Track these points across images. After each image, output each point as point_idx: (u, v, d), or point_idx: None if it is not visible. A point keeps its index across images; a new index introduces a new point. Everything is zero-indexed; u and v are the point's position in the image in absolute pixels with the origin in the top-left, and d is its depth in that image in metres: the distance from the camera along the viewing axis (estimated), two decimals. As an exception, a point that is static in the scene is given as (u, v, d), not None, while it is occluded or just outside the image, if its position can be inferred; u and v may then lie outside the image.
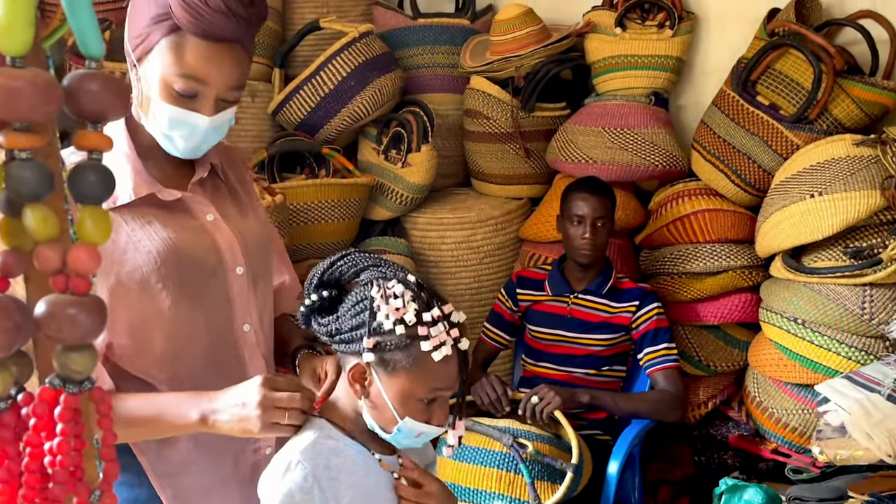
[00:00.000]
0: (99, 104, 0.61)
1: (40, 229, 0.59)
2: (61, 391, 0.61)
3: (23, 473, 0.59)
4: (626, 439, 2.38)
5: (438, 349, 1.16)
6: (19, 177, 0.58)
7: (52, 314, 0.59)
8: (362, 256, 1.23)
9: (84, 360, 0.61)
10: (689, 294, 2.70)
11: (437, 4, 3.41)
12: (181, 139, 1.32)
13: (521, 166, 3.07)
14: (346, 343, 1.21)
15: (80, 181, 0.61)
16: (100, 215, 0.61)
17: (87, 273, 0.60)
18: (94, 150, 0.62)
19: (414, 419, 1.20)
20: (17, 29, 0.55)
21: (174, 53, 1.26)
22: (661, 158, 2.83)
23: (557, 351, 2.58)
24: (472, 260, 2.97)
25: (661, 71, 2.95)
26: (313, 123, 2.90)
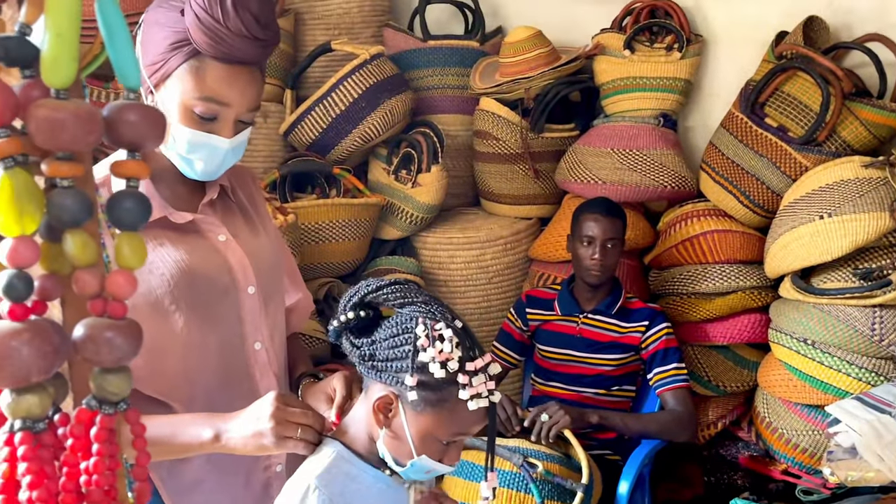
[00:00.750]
0: (137, 134, 0.63)
1: (80, 255, 0.61)
2: (97, 412, 0.63)
3: (59, 493, 0.61)
4: (637, 459, 2.38)
5: (475, 399, 1.16)
6: (61, 204, 0.60)
7: (90, 337, 0.61)
8: (414, 290, 1.22)
9: (120, 381, 0.63)
10: (698, 314, 2.71)
11: (447, 26, 3.45)
12: (201, 161, 1.34)
13: (530, 187, 3.09)
14: (378, 371, 1.20)
15: (118, 208, 0.63)
16: (136, 241, 0.63)
17: (125, 297, 0.62)
18: (132, 177, 0.64)
19: (430, 457, 1.20)
20: (62, 63, 0.57)
21: (194, 78, 1.28)
22: (670, 179, 2.85)
23: (567, 370, 2.59)
24: (481, 279, 2.99)
25: (670, 93, 2.98)
26: (325, 144, 2.93)
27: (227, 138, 1.33)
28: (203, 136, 1.31)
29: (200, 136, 1.31)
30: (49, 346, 0.59)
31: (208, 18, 1.24)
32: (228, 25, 1.25)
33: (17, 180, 0.58)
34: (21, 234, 0.58)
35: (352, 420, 1.29)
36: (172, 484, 1.40)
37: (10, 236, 0.58)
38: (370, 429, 1.25)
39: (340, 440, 1.27)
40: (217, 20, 1.24)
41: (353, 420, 1.28)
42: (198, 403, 1.37)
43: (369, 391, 1.24)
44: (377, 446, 1.24)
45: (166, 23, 1.29)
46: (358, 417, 1.27)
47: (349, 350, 1.24)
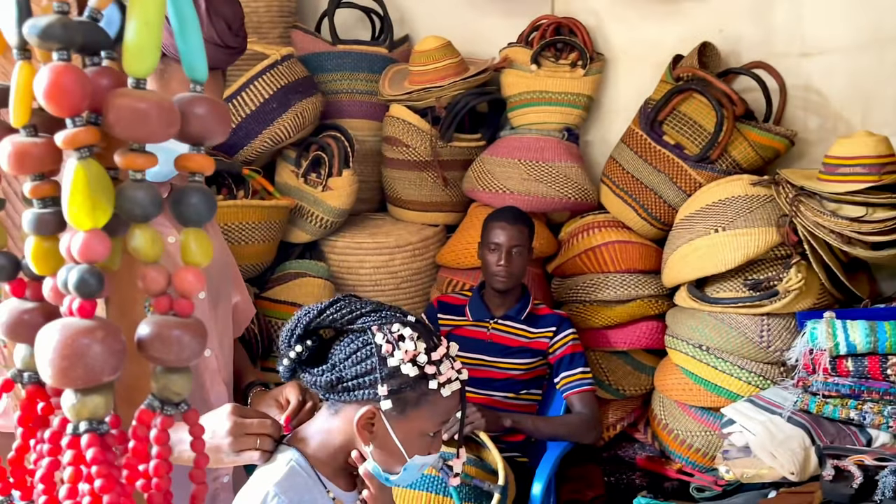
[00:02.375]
0: (205, 127, 0.61)
1: (148, 250, 0.59)
2: (157, 413, 0.61)
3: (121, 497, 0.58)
4: (549, 461, 2.46)
5: (447, 385, 1.19)
6: (133, 197, 0.58)
7: (157, 335, 0.59)
8: (356, 301, 1.22)
9: (184, 381, 0.61)
10: (599, 321, 2.83)
11: (353, 31, 3.44)
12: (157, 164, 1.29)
13: (438, 194, 3.13)
14: (349, 392, 1.19)
15: (184, 204, 0.61)
16: (202, 237, 0.62)
17: (193, 294, 0.60)
18: (198, 172, 0.62)
19: (420, 455, 1.22)
20: (148, 52, 0.56)
21: (158, 80, 1.25)
22: (574, 191, 2.96)
23: (478, 375, 2.64)
24: (390, 284, 3.00)
25: (573, 108, 3.10)
26: (233, 143, 2.86)
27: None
28: None
29: None
30: (118, 345, 0.57)
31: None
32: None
33: (91, 171, 0.56)
34: (93, 227, 0.56)
35: (315, 432, 1.27)
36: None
37: (83, 229, 0.56)
38: (345, 445, 1.24)
39: (297, 448, 1.25)
40: None
41: (318, 434, 1.26)
42: None
43: (340, 413, 1.23)
44: (366, 464, 1.23)
45: None
46: (324, 431, 1.25)
47: (310, 382, 1.22)
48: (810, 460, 2.13)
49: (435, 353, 1.19)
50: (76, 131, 0.55)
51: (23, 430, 0.61)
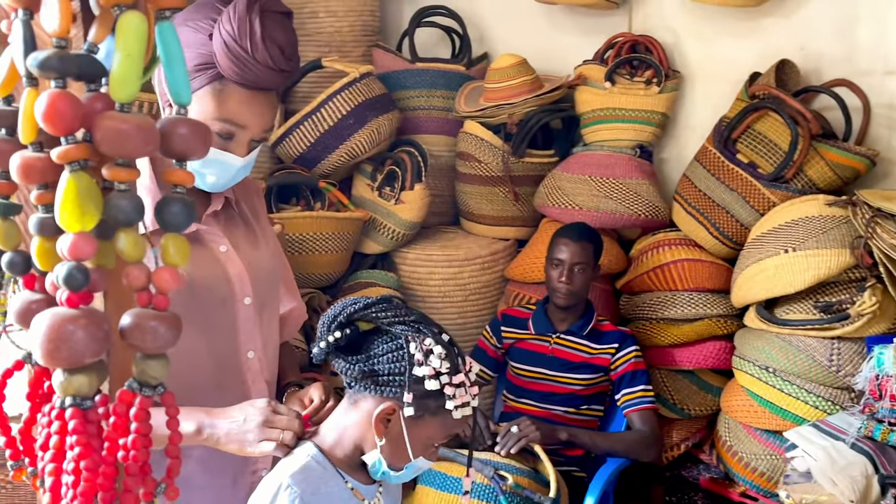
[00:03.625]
0: (186, 145, 0.70)
1: (131, 251, 0.68)
2: (137, 394, 0.69)
3: (101, 465, 0.67)
4: (603, 476, 2.46)
5: (461, 408, 1.26)
6: (118, 205, 0.67)
7: (136, 325, 0.68)
8: (402, 308, 1.30)
9: (160, 367, 0.70)
10: (666, 339, 2.81)
11: (434, 50, 3.55)
12: (212, 176, 1.40)
13: (509, 209, 3.18)
14: (378, 385, 1.27)
15: (166, 212, 0.70)
16: (181, 242, 0.70)
17: (169, 291, 0.69)
18: (179, 184, 0.71)
19: (423, 458, 1.30)
20: (129, 81, 0.65)
21: (216, 100, 1.34)
22: (644, 208, 2.96)
23: (538, 388, 2.67)
24: (458, 296, 3.07)
25: (647, 125, 3.10)
26: (312, 158, 3.00)
27: (240, 157, 1.39)
28: (217, 154, 1.37)
29: (215, 154, 1.37)
30: (100, 332, 0.66)
31: (237, 48, 1.30)
32: (256, 56, 1.30)
33: (80, 182, 0.65)
34: (81, 231, 0.65)
35: (332, 427, 1.35)
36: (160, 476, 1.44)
37: (72, 232, 0.65)
38: (359, 438, 1.31)
39: (316, 444, 1.33)
40: (245, 50, 1.30)
41: (335, 428, 1.34)
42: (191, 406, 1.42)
43: (360, 404, 1.31)
44: (370, 455, 1.30)
45: (192, 44, 1.33)
46: (342, 426, 1.33)
47: (342, 368, 1.29)
48: (872, 488, 2.06)
49: (456, 376, 1.25)
50: (68, 148, 0.64)
51: (30, 405, 0.70)
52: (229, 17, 1.30)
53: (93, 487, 0.65)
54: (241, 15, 1.30)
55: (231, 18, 1.30)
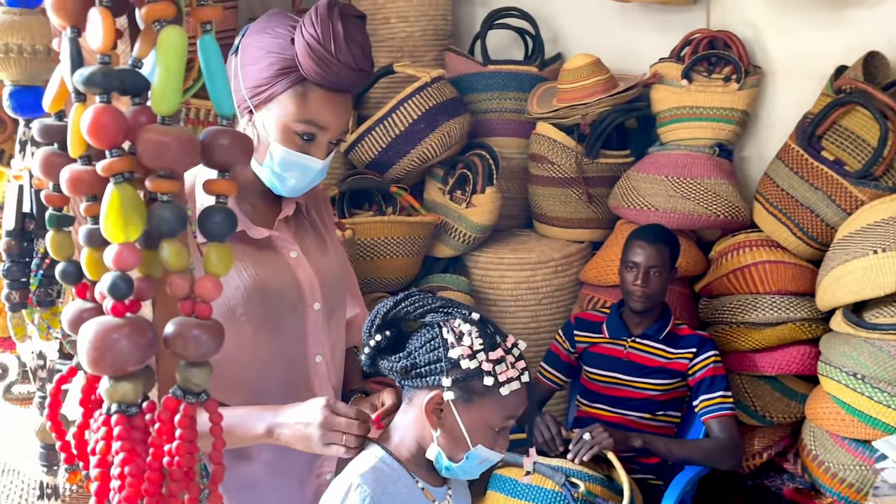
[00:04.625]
0: (228, 156, 0.71)
1: (174, 261, 0.69)
2: (181, 401, 0.71)
3: (146, 471, 0.68)
4: (679, 484, 2.39)
5: (506, 384, 1.24)
6: (161, 216, 0.68)
7: (179, 334, 0.69)
8: (429, 297, 1.31)
9: (202, 374, 0.71)
10: (747, 344, 2.71)
11: (507, 52, 3.53)
12: (293, 179, 1.43)
13: (583, 211, 3.14)
14: (422, 377, 1.28)
15: (209, 221, 0.71)
16: (223, 251, 0.71)
17: (211, 300, 0.70)
18: (221, 194, 0.72)
19: (484, 445, 1.28)
20: (169, 94, 0.66)
21: (298, 102, 1.38)
22: (723, 209, 2.87)
23: (613, 393, 2.62)
24: (531, 300, 3.04)
25: (726, 123, 3.00)
26: (383, 163, 3.02)
27: (320, 159, 1.42)
28: (298, 157, 1.40)
29: (296, 157, 1.40)
30: (144, 340, 0.67)
31: (320, 49, 1.33)
32: (339, 57, 1.34)
33: (124, 194, 0.67)
34: (125, 241, 0.67)
35: (395, 429, 1.36)
36: (230, 480, 1.47)
37: (116, 243, 0.67)
38: (419, 435, 1.32)
39: (382, 446, 1.34)
40: (329, 51, 1.34)
41: (397, 429, 1.35)
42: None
43: (413, 400, 1.32)
44: (430, 450, 1.30)
45: (273, 49, 1.37)
46: (403, 426, 1.34)
47: (387, 369, 1.31)
48: (968, 504, 1.94)
49: (493, 352, 1.24)
50: (112, 161, 0.66)
51: (83, 410, 0.73)
52: (311, 21, 1.34)
53: (136, 492, 0.66)
54: (324, 18, 1.33)
55: (314, 22, 1.34)
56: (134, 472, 0.66)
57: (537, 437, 2.42)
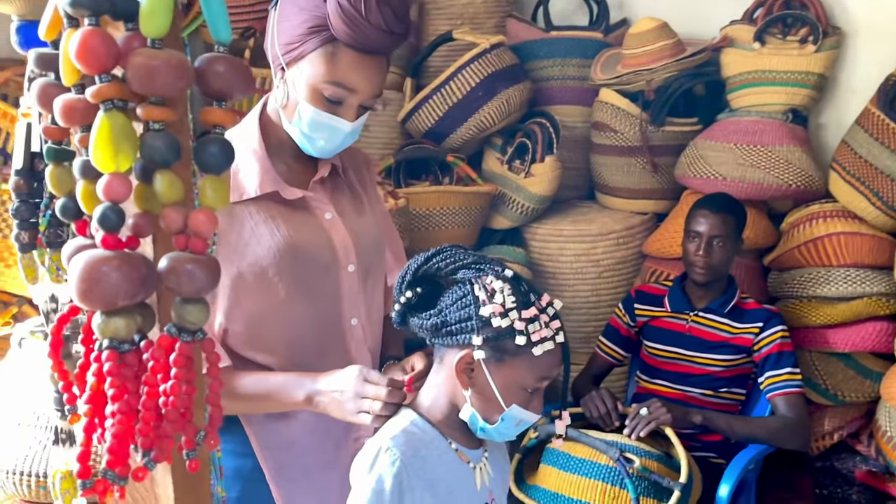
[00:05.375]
0: (225, 84, 0.68)
1: (167, 193, 0.66)
2: (177, 339, 0.68)
3: (140, 410, 0.66)
4: (740, 463, 2.30)
5: (539, 344, 1.19)
6: (152, 145, 0.65)
7: (172, 269, 0.67)
8: (461, 252, 1.26)
9: (198, 312, 0.68)
10: (818, 319, 2.58)
11: (571, 18, 3.43)
12: (322, 140, 1.40)
13: (647, 181, 3.03)
14: (452, 335, 1.24)
15: (204, 152, 0.68)
16: (219, 184, 0.68)
17: (205, 234, 0.67)
18: (218, 125, 0.69)
19: (518, 405, 1.24)
20: (157, 14, 0.63)
21: (328, 62, 1.34)
22: (796, 177, 2.73)
23: (674, 369, 2.53)
24: (591, 273, 2.96)
25: (801, 87, 2.85)
26: (440, 132, 2.98)
27: (349, 122, 1.39)
28: (327, 118, 1.37)
29: (324, 117, 1.37)
30: (136, 274, 0.65)
31: (350, 9, 1.30)
32: (369, 18, 1.30)
33: (114, 121, 0.64)
34: (115, 171, 0.64)
35: (427, 390, 1.32)
36: (267, 440, 1.47)
37: (106, 172, 0.64)
38: (451, 395, 1.28)
39: (415, 409, 1.31)
40: (359, 12, 1.30)
41: (429, 390, 1.32)
42: (294, 370, 1.43)
43: (444, 359, 1.28)
44: (464, 411, 1.27)
45: (307, 6, 1.34)
46: (435, 386, 1.31)
47: (418, 326, 1.27)
48: None
49: (526, 311, 1.20)
50: (100, 86, 0.64)
51: (85, 350, 0.71)
52: None
53: (127, 430, 0.64)
54: None
55: None
56: (124, 409, 0.64)
57: (592, 411, 2.36)
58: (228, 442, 1.45)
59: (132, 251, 0.67)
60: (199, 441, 0.68)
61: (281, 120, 1.43)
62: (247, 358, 1.44)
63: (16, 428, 2.16)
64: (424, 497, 1.24)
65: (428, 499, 1.25)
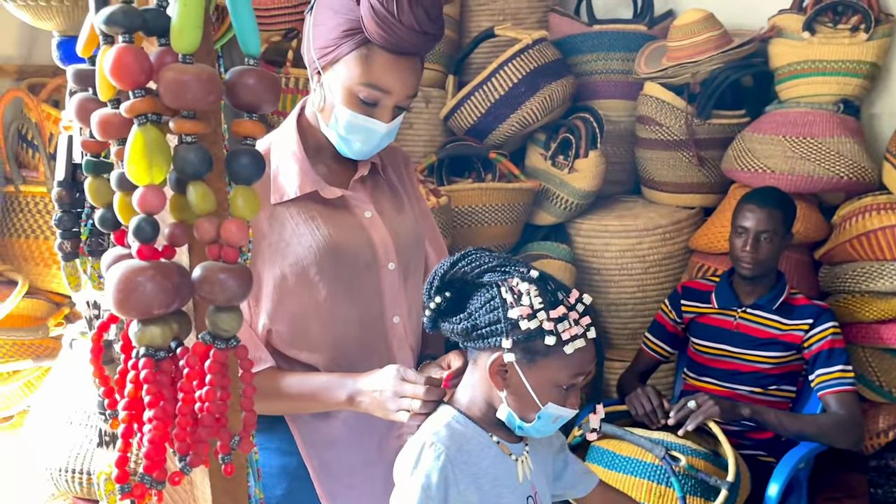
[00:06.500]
0: (255, 96, 0.69)
1: (200, 204, 0.68)
2: (211, 346, 0.70)
3: (176, 416, 0.68)
4: (791, 461, 2.25)
5: (570, 342, 1.19)
6: (185, 158, 0.67)
7: (205, 278, 0.68)
8: (486, 255, 1.27)
9: (231, 319, 0.69)
10: (872, 314, 2.52)
11: (615, 11, 3.39)
12: (358, 142, 1.42)
13: (693, 175, 2.99)
14: (483, 339, 1.25)
15: (235, 164, 0.69)
16: (250, 194, 0.69)
17: (237, 244, 0.68)
18: (249, 136, 0.70)
19: (554, 403, 1.24)
20: (187, 31, 0.64)
21: (362, 65, 1.36)
22: (847, 169, 2.66)
23: (722, 366, 2.49)
24: (636, 269, 2.93)
25: (853, 77, 2.78)
26: (483, 129, 2.97)
27: (385, 123, 1.40)
28: (362, 120, 1.39)
29: (360, 119, 1.39)
30: (170, 284, 0.66)
31: (383, 11, 1.31)
32: (402, 19, 1.31)
33: (148, 136, 0.66)
34: (150, 183, 0.66)
35: (464, 390, 1.33)
36: (311, 438, 1.49)
37: (141, 185, 0.66)
38: (487, 396, 1.29)
39: (455, 407, 1.33)
40: (391, 13, 1.31)
41: (466, 389, 1.33)
42: (338, 370, 1.45)
43: (478, 361, 1.29)
44: (500, 411, 1.27)
45: (341, 10, 1.36)
46: (471, 386, 1.32)
47: (449, 331, 1.29)
48: None
49: (554, 310, 1.20)
50: (134, 102, 0.65)
51: (124, 357, 0.73)
52: None
53: (163, 436, 0.66)
54: None
55: None
56: (160, 415, 0.65)
57: (637, 408, 2.33)
58: (273, 440, 1.48)
59: (167, 260, 0.68)
60: (234, 446, 0.70)
61: (319, 123, 1.45)
62: (291, 357, 1.46)
63: (67, 426, 2.23)
64: (469, 490, 1.26)
65: (472, 492, 1.26)
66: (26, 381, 2.75)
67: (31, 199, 2.85)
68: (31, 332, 2.67)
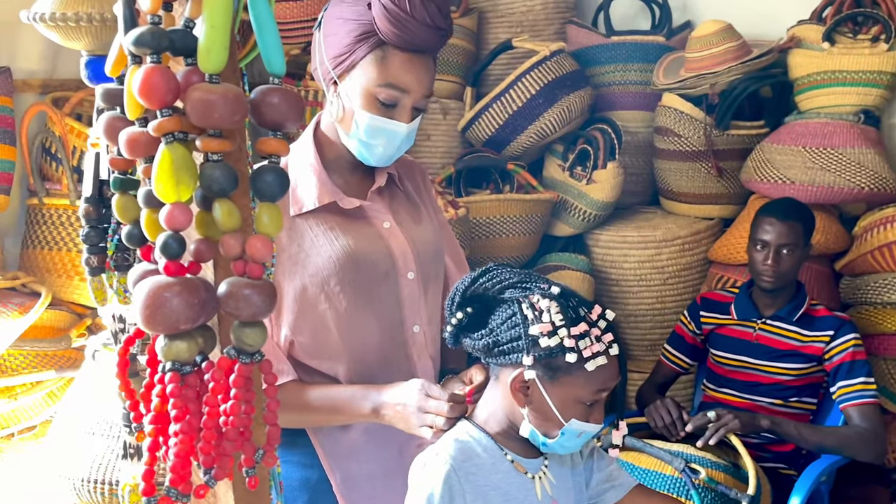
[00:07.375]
0: (279, 114, 0.70)
1: (226, 221, 0.69)
2: (236, 361, 0.71)
3: (201, 429, 0.69)
4: (812, 474, 2.23)
5: (592, 359, 1.19)
6: (211, 175, 0.68)
7: (230, 293, 0.69)
8: (507, 271, 1.28)
9: (255, 335, 0.70)
10: (894, 326, 2.50)
11: (633, 22, 3.40)
12: (381, 147, 1.44)
13: (712, 185, 2.98)
14: (504, 355, 1.25)
15: (260, 181, 0.70)
16: (274, 211, 0.70)
17: (262, 260, 0.69)
18: (273, 154, 0.71)
19: (577, 419, 1.24)
20: (213, 52, 0.66)
21: (379, 66, 1.38)
22: (868, 180, 2.65)
23: (741, 378, 2.47)
24: (655, 280, 2.92)
25: (873, 87, 2.77)
26: (501, 140, 2.98)
27: (405, 123, 1.42)
28: (383, 122, 1.41)
29: (381, 122, 1.41)
30: (196, 299, 0.67)
31: (396, 9, 1.34)
32: (414, 15, 1.34)
33: (175, 154, 0.67)
34: (177, 201, 0.67)
35: (485, 404, 1.34)
36: (332, 450, 1.50)
37: (168, 202, 0.67)
38: (509, 412, 1.29)
39: (471, 420, 1.33)
40: (404, 10, 1.34)
41: (486, 404, 1.33)
42: (359, 380, 1.46)
43: (500, 377, 1.29)
44: (523, 427, 1.27)
45: (352, 16, 1.39)
46: (492, 401, 1.32)
47: (471, 347, 1.29)
48: None
49: (575, 327, 1.20)
50: (161, 120, 0.67)
51: (150, 371, 0.74)
52: None
53: (188, 449, 0.67)
54: None
55: None
56: (185, 429, 0.66)
57: (657, 421, 2.32)
58: (295, 453, 1.49)
59: (193, 276, 0.70)
60: (258, 459, 0.71)
61: (338, 135, 1.47)
62: (312, 367, 1.47)
63: (90, 437, 2.25)
64: (477, 502, 1.26)
65: None
66: (49, 392, 2.78)
67: (54, 211, 2.89)
68: (53, 343, 2.70)
